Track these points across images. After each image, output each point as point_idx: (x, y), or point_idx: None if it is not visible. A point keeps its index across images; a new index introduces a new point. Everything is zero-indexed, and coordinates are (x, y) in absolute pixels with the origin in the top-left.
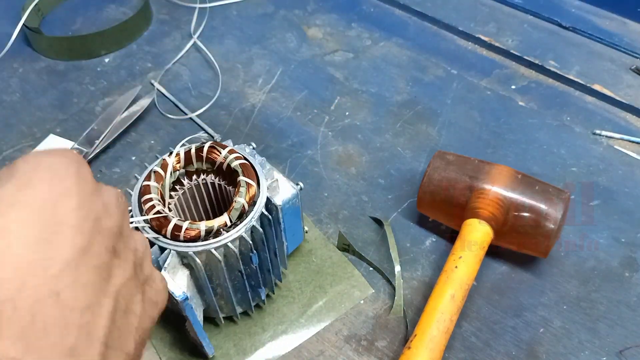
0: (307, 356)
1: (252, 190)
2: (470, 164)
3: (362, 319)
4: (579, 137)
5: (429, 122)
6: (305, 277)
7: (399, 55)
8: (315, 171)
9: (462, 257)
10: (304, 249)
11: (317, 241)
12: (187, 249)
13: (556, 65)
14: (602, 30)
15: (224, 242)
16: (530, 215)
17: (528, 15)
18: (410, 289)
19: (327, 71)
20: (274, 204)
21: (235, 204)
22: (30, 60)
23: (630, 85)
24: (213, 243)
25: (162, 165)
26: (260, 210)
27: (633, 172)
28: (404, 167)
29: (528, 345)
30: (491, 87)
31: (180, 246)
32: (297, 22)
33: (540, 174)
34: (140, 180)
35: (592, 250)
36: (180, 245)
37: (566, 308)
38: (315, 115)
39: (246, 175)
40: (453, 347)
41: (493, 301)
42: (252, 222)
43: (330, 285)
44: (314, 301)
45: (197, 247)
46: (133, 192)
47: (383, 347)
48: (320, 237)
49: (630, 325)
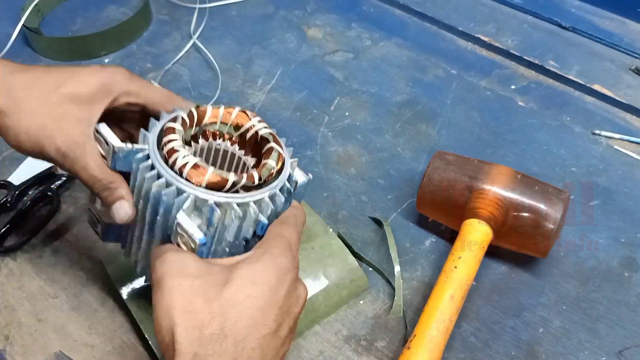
0: (307, 356)
1: (282, 159)
2: (470, 164)
3: (361, 319)
4: (578, 137)
5: (429, 122)
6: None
7: (398, 55)
8: (315, 171)
9: (462, 257)
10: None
11: (316, 227)
12: (209, 196)
13: (556, 65)
14: (602, 30)
15: (248, 199)
16: (529, 215)
17: (528, 15)
18: (409, 289)
19: (327, 71)
20: (295, 181)
21: (267, 164)
22: (30, 60)
23: (630, 85)
24: (236, 198)
25: (189, 114)
26: (283, 180)
27: (633, 172)
28: (404, 167)
29: (527, 346)
30: (491, 87)
31: (202, 192)
32: (297, 22)
33: (540, 174)
34: (162, 121)
35: (591, 251)
36: (201, 191)
37: (566, 308)
38: (315, 116)
39: (276, 143)
40: (452, 347)
41: (492, 301)
42: (276, 189)
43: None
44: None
45: (220, 198)
46: (150, 130)
47: (382, 348)
48: (320, 222)
49: (630, 325)
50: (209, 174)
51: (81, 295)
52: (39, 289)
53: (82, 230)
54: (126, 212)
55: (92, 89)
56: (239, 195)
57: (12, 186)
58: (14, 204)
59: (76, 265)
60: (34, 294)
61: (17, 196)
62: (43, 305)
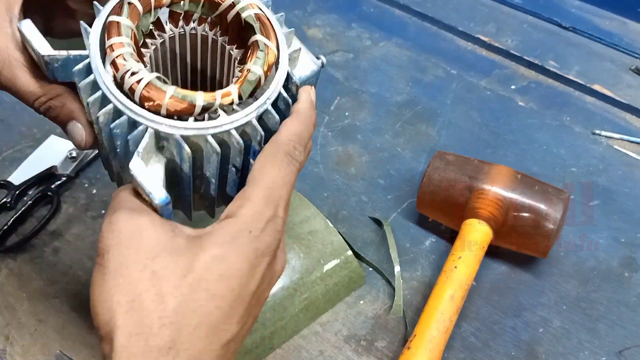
0: (307, 356)
1: (272, 57)
2: (470, 164)
3: (361, 319)
4: (578, 137)
5: (429, 122)
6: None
7: (398, 55)
8: (315, 171)
9: (462, 257)
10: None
11: (316, 221)
12: (174, 129)
13: (556, 65)
14: (602, 30)
15: (226, 127)
16: (529, 215)
17: (528, 15)
18: (409, 289)
19: (327, 71)
20: (295, 82)
21: (250, 75)
22: None
23: (630, 85)
24: (210, 127)
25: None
26: (278, 89)
27: (633, 172)
28: (404, 167)
29: (527, 346)
30: (491, 87)
31: (163, 124)
32: (297, 22)
33: (540, 174)
34: (105, 10)
35: (591, 251)
36: (162, 123)
37: (566, 308)
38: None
39: (264, 34)
40: (452, 347)
41: (492, 301)
42: (267, 105)
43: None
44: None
45: (188, 130)
46: (91, 28)
47: (382, 348)
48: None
49: (630, 325)
50: (167, 98)
51: (81, 295)
52: (39, 289)
53: (82, 230)
54: (81, 135)
55: None
56: (215, 122)
57: (12, 186)
58: (14, 204)
59: (76, 265)
60: (34, 294)
61: (17, 196)
62: (43, 305)
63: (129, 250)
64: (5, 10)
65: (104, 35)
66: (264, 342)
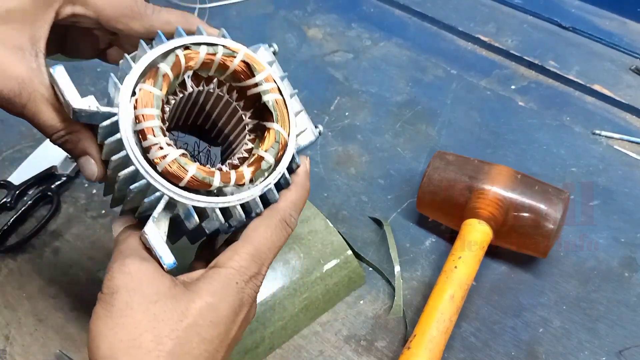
0: (307, 356)
1: (283, 143)
2: (470, 164)
3: (361, 319)
4: (578, 137)
5: (429, 122)
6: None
7: (398, 55)
8: (315, 171)
9: (462, 257)
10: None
11: (317, 221)
12: (188, 200)
13: (556, 65)
14: (602, 30)
15: (233, 203)
16: (529, 215)
17: (528, 15)
18: (409, 289)
19: (327, 71)
20: (297, 163)
21: (263, 163)
22: None
23: (630, 85)
24: (220, 202)
25: (174, 64)
26: (282, 171)
27: (633, 172)
28: (404, 167)
29: (527, 346)
30: (491, 87)
31: (179, 194)
32: (297, 22)
33: (540, 174)
34: (136, 69)
35: (591, 251)
36: (179, 194)
37: (566, 308)
38: (315, 116)
39: (281, 120)
40: (452, 347)
41: (492, 301)
42: (271, 186)
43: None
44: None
45: (200, 202)
46: (122, 84)
47: (382, 348)
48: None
49: (630, 326)
50: (188, 176)
51: (81, 295)
52: (39, 289)
53: (82, 230)
54: (92, 170)
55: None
56: (224, 199)
57: (12, 186)
58: (14, 204)
59: (76, 265)
60: (34, 294)
61: (17, 196)
62: (43, 305)
63: (135, 293)
64: (31, 45)
65: (135, 89)
66: (264, 342)
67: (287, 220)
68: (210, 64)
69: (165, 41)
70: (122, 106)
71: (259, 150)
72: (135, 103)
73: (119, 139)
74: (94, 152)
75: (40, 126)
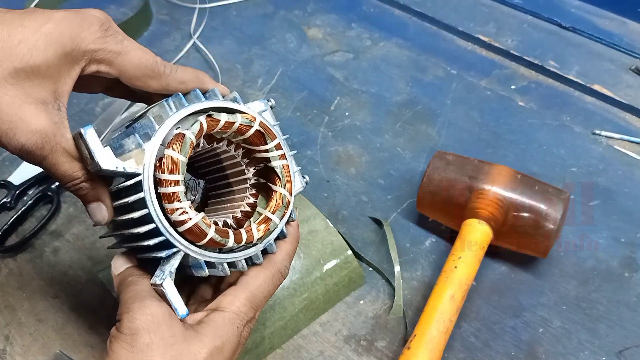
0: (307, 356)
1: (287, 205)
2: (470, 164)
3: (361, 319)
4: (578, 137)
5: (429, 122)
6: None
7: (398, 55)
8: (315, 171)
9: (462, 257)
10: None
11: (317, 221)
12: (200, 256)
13: (556, 65)
14: (602, 30)
15: (239, 258)
16: (529, 215)
17: (528, 15)
18: (409, 289)
19: (327, 71)
20: (293, 219)
21: (271, 225)
22: None
23: (630, 85)
24: (228, 258)
25: (198, 131)
26: (282, 227)
27: (633, 172)
28: (404, 167)
29: (527, 346)
30: (491, 87)
31: (195, 251)
32: (297, 22)
33: (540, 174)
34: (162, 131)
35: (591, 250)
36: (194, 250)
37: (566, 308)
38: (315, 116)
39: (287, 184)
40: (452, 347)
41: (492, 301)
42: (271, 240)
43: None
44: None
45: (212, 258)
46: (145, 144)
47: (382, 348)
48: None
49: (630, 326)
50: (207, 238)
51: (81, 295)
52: (39, 289)
53: (82, 230)
54: (103, 216)
55: (53, 55)
56: (232, 255)
57: (12, 186)
58: (14, 204)
59: (76, 265)
60: (34, 294)
61: (17, 196)
62: (43, 305)
63: (156, 334)
64: (54, 99)
65: (160, 153)
66: (264, 342)
67: (282, 271)
68: (228, 129)
69: (186, 105)
70: (147, 168)
71: (266, 211)
72: (162, 166)
73: (141, 198)
74: (106, 199)
75: (57, 176)
